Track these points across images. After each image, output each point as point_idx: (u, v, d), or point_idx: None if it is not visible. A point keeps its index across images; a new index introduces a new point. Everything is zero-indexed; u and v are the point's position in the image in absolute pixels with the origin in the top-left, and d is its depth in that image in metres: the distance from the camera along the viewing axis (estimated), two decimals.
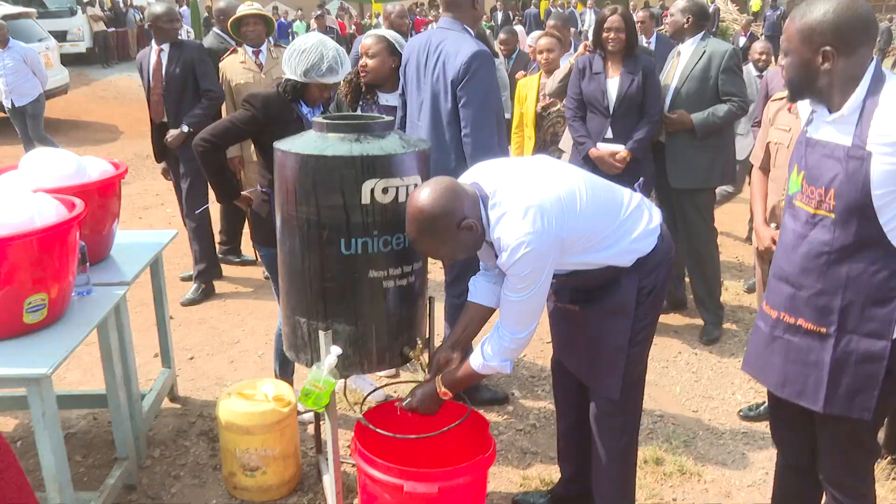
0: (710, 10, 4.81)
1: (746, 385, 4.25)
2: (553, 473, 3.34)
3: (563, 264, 2.47)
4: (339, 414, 3.77)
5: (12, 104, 9.81)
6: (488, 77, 3.50)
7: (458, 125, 3.50)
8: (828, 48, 2.12)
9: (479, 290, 2.73)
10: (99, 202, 3.30)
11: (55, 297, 2.80)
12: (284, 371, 3.77)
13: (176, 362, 4.20)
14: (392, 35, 4.06)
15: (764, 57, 6.74)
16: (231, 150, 5.49)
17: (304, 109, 3.41)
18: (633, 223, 2.55)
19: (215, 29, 6.25)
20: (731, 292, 5.58)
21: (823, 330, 2.26)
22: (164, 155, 5.61)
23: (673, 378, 4.39)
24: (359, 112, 4.10)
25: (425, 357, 2.79)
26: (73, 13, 18.89)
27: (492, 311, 2.74)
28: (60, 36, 16.84)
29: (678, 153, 4.64)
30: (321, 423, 3.41)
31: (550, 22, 6.46)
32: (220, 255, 6.04)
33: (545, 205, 2.34)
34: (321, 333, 2.62)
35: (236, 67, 5.47)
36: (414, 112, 3.69)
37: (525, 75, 6.35)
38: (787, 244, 2.36)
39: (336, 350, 2.59)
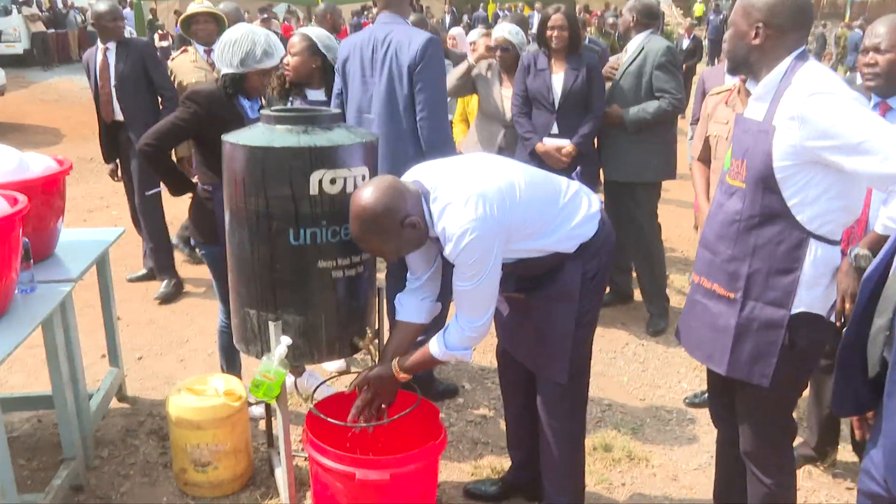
0: (656, 9, 4.88)
1: (692, 374, 4.37)
2: (504, 462, 3.39)
3: (510, 252, 2.52)
4: (291, 409, 3.78)
5: None
6: (441, 62, 3.62)
7: (414, 112, 3.55)
8: (760, 24, 2.28)
9: (406, 308, 2.77)
10: (42, 198, 3.25)
11: None
12: (231, 367, 3.76)
13: (124, 362, 4.15)
14: (317, 34, 4.08)
15: None
16: (181, 150, 5.47)
17: (245, 104, 3.42)
18: (573, 209, 2.62)
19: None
20: (677, 285, 5.71)
21: (732, 295, 2.40)
22: (114, 155, 5.54)
23: (620, 368, 4.48)
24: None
25: (375, 346, 2.81)
26: (7, 12, 18.43)
27: (422, 327, 2.78)
28: None
29: (613, 147, 4.76)
30: (272, 417, 3.42)
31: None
32: (174, 242, 6.00)
33: (486, 193, 2.39)
34: (271, 324, 2.63)
35: (187, 66, 5.41)
36: (362, 106, 3.70)
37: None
38: (711, 214, 2.53)
39: (286, 340, 2.61)
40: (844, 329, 2.01)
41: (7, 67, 15.26)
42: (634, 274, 5.26)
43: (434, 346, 2.61)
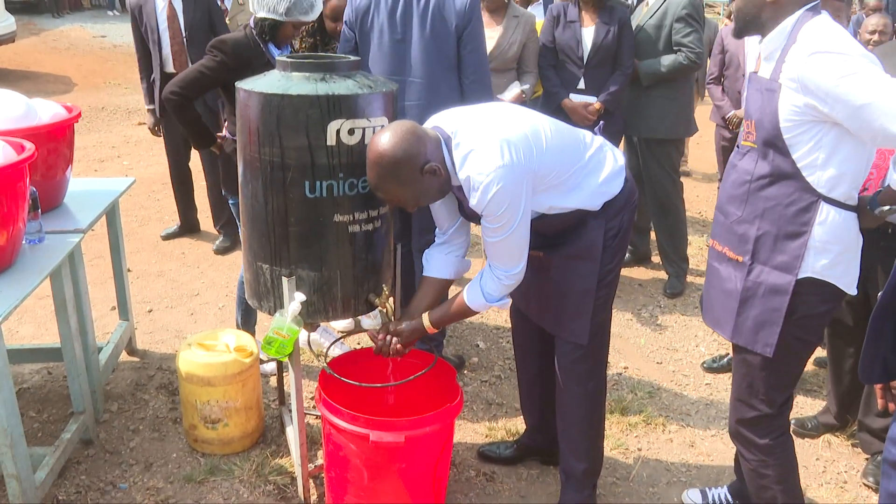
0: None
1: (710, 338, 4.27)
2: (519, 424, 3.32)
3: (533, 205, 2.40)
4: (303, 365, 3.71)
5: None
6: (480, 19, 3.39)
7: (458, 72, 3.35)
8: None
9: (433, 263, 2.67)
10: (50, 146, 3.15)
11: (4, 244, 2.68)
12: (247, 322, 3.70)
13: (134, 315, 4.08)
14: None
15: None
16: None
17: (274, 52, 3.29)
18: (598, 163, 2.51)
19: None
20: (695, 247, 5.58)
21: (740, 258, 2.33)
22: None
23: (637, 330, 4.39)
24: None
25: (391, 304, 2.72)
26: None
27: (449, 283, 2.69)
28: None
29: (632, 104, 4.60)
30: (284, 374, 3.35)
31: None
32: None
33: (511, 138, 2.27)
34: (284, 280, 2.54)
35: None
36: (395, 68, 3.37)
37: None
38: (725, 176, 2.45)
39: (300, 296, 2.52)
40: (880, 294, 1.91)
41: (18, 14, 15.02)
42: (653, 235, 5.14)
43: (471, 298, 2.50)
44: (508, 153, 2.25)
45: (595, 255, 2.53)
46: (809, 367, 3.95)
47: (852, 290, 2.27)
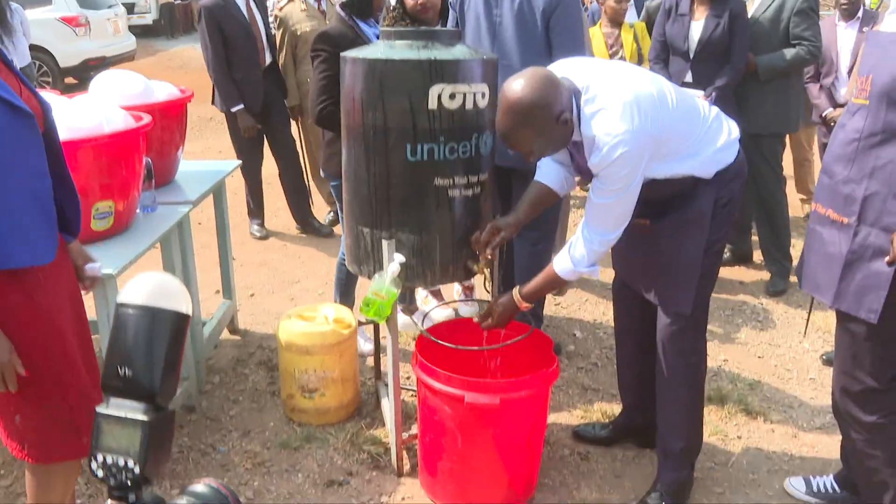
0: None
1: (814, 334, 4.08)
2: (615, 409, 3.24)
3: (648, 171, 2.35)
4: (399, 347, 3.73)
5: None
6: (577, 4, 3.35)
7: (548, 57, 3.30)
8: None
9: (545, 170, 2.66)
10: (165, 123, 3.28)
11: (121, 208, 2.80)
12: (345, 301, 3.74)
13: (237, 299, 4.19)
14: None
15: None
16: (292, 99, 5.46)
17: (367, 31, 3.35)
18: (715, 131, 2.45)
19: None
20: (798, 249, 5.36)
21: (845, 220, 2.22)
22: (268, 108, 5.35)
23: (737, 326, 4.23)
24: None
25: (489, 273, 2.70)
26: None
27: (556, 196, 2.66)
28: (128, 8, 17.09)
29: (743, 97, 4.45)
30: (381, 351, 3.37)
31: None
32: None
33: (641, 101, 2.23)
34: (384, 242, 2.56)
35: (299, 15, 5.37)
36: (485, 46, 3.40)
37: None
38: (833, 136, 2.34)
39: (399, 258, 2.53)
40: None
41: (138, 37, 15.84)
42: (755, 237, 4.96)
43: (560, 264, 2.46)
44: (638, 117, 2.21)
45: (704, 223, 2.46)
46: None
47: None
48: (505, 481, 2.66)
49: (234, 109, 5.20)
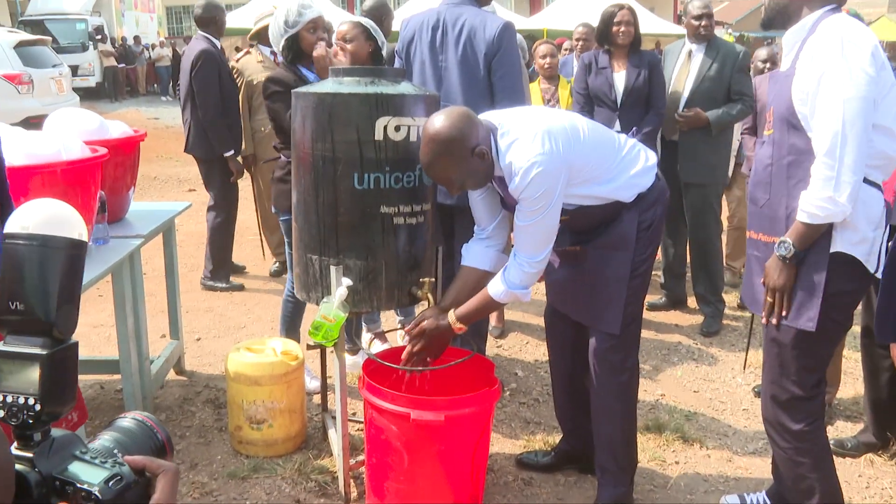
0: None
1: (748, 370, 4.29)
2: (557, 439, 3.36)
3: (570, 197, 2.56)
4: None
5: None
6: (517, 47, 3.55)
7: (490, 98, 3.48)
8: None
9: (472, 254, 2.81)
10: (118, 160, 3.40)
11: None
12: (291, 336, 3.84)
13: (183, 342, 4.25)
14: (366, 21, 3.96)
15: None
16: (247, 148, 5.61)
17: (310, 75, 3.57)
18: (631, 160, 2.68)
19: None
20: (732, 296, 5.64)
21: (775, 239, 2.40)
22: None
23: (674, 364, 4.43)
24: None
25: (434, 296, 2.85)
26: (84, 48, 19.33)
27: (487, 275, 2.78)
28: (73, 70, 17.18)
29: (691, 150, 4.75)
30: (328, 386, 3.46)
31: (579, 28, 6.37)
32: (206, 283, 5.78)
33: (553, 131, 2.46)
34: (332, 268, 2.70)
35: (255, 66, 5.59)
36: (431, 90, 3.66)
37: None
38: (752, 169, 2.60)
39: (347, 281, 2.67)
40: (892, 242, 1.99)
41: (81, 99, 15.90)
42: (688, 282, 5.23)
43: (493, 287, 2.63)
44: (549, 143, 2.43)
45: (629, 244, 2.67)
46: (849, 394, 3.96)
47: (875, 269, 2.34)
48: (450, 500, 2.75)
49: (227, 154, 5.35)
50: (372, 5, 4.74)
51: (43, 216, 1.06)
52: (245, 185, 5.91)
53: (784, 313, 2.39)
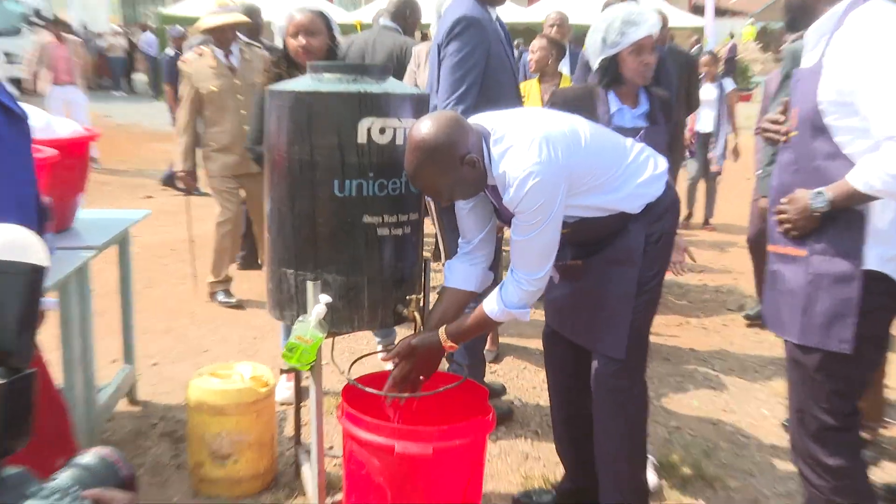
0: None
1: (773, 399, 4.36)
2: (557, 474, 3.42)
3: (572, 209, 2.62)
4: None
5: None
6: (467, 40, 3.54)
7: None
8: None
9: (455, 273, 2.86)
10: (67, 162, 3.43)
11: None
12: None
13: (137, 368, 4.28)
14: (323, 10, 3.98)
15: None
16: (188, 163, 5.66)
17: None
18: (639, 167, 2.74)
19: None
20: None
21: (802, 252, 2.46)
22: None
23: (690, 392, 4.49)
24: None
25: (420, 315, 2.90)
26: (18, 33, 19.48)
27: (471, 295, 2.85)
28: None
29: None
30: (301, 405, 3.49)
31: (551, 15, 6.40)
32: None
33: (551, 135, 2.50)
34: (309, 284, 2.73)
35: (206, 72, 5.42)
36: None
37: None
38: (772, 177, 2.66)
39: (325, 298, 2.70)
40: None
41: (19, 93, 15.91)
42: None
43: (490, 305, 2.68)
44: (547, 150, 2.48)
45: (634, 258, 2.73)
46: None
47: None
48: None
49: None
50: None
51: (2, 242, 1.11)
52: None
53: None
